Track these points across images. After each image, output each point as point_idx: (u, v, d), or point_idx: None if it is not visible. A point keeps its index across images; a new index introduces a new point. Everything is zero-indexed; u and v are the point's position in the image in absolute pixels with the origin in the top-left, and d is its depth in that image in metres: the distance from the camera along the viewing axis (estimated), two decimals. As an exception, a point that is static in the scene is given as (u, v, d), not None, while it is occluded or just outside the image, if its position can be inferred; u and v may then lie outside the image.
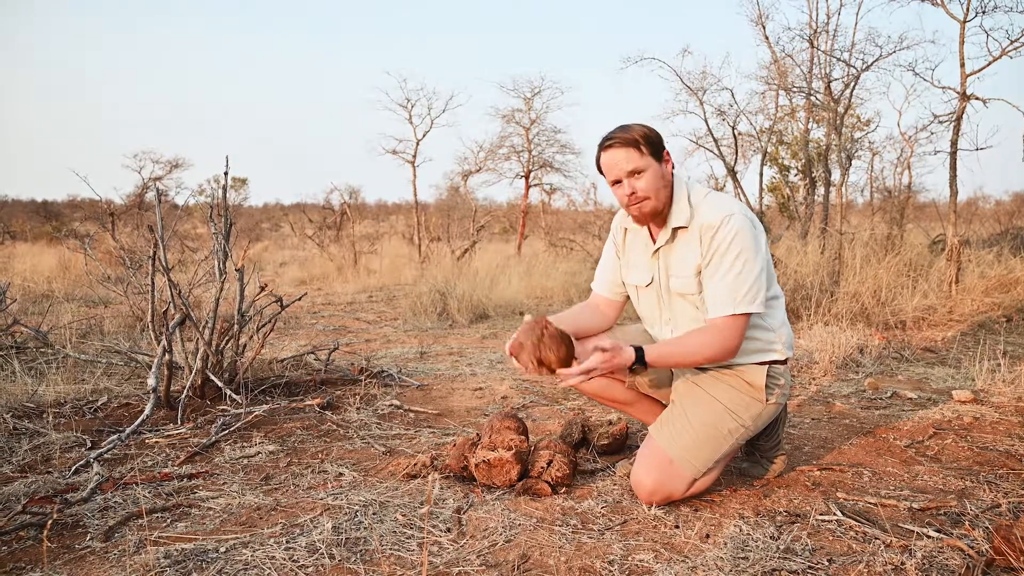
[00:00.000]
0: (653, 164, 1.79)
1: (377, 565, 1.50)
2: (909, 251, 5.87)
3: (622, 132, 1.79)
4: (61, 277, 7.59)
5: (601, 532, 1.66)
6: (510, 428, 2.08)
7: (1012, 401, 2.80)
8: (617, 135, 1.79)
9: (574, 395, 3.09)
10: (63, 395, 2.89)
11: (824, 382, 3.31)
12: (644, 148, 1.78)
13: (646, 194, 1.79)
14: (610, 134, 1.81)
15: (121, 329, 4.56)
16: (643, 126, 1.80)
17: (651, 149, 1.79)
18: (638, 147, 1.77)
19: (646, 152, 1.78)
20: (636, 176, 1.78)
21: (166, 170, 17.84)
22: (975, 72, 5.55)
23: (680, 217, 1.83)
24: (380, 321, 5.61)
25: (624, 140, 1.77)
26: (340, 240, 12.43)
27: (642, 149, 1.77)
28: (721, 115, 7.83)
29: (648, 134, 1.79)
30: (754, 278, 1.74)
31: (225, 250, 2.98)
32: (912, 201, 11.01)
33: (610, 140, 1.79)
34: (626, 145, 1.77)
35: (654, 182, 1.79)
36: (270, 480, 2.04)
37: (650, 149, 1.79)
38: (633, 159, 1.77)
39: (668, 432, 1.85)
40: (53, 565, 1.52)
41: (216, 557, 1.53)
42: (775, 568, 1.48)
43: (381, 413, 2.77)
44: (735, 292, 1.73)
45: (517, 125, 11.95)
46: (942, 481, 2.01)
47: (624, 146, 1.77)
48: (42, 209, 21.47)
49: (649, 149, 1.78)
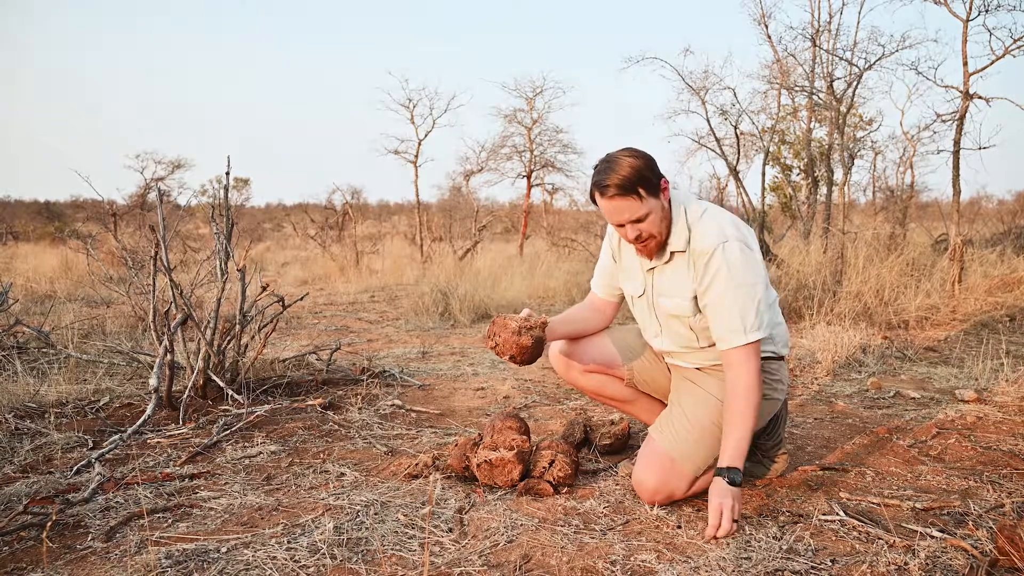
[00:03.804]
0: (653, 204, 1.73)
1: (379, 565, 1.49)
2: (912, 251, 5.86)
3: (617, 175, 1.69)
4: (63, 277, 7.60)
5: (603, 532, 1.66)
6: (512, 428, 2.07)
7: (1015, 401, 2.79)
8: (613, 183, 1.69)
9: (576, 395, 3.09)
10: (65, 395, 2.89)
11: (827, 382, 3.30)
12: (643, 192, 1.71)
13: (650, 234, 1.77)
14: (605, 180, 1.70)
15: (123, 329, 4.56)
16: (635, 161, 1.70)
17: (648, 190, 1.71)
18: (636, 194, 1.70)
19: (646, 196, 1.72)
20: (640, 222, 1.74)
21: (168, 170, 17.89)
22: (978, 71, 5.54)
23: (679, 241, 1.80)
24: (382, 321, 5.61)
25: (622, 189, 1.69)
26: (342, 240, 12.43)
27: (641, 195, 1.71)
28: (723, 114, 7.83)
29: (644, 174, 1.70)
30: (756, 304, 1.72)
31: (227, 250, 2.98)
32: (914, 200, 11.00)
33: (607, 188, 1.70)
34: (626, 195, 1.70)
35: (657, 222, 1.76)
36: (272, 480, 2.04)
37: (648, 190, 1.71)
38: (635, 209, 1.72)
39: (669, 431, 1.84)
40: (54, 565, 1.52)
41: (218, 557, 1.53)
42: (778, 568, 1.47)
43: (383, 413, 2.77)
44: (743, 321, 1.71)
45: (519, 125, 11.96)
46: (945, 481, 2.00)
47: (624, 196, 1.70)
48: (45, 209, 21.53)
49: (647, 190, 1.71)
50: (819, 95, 7.73)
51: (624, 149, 1.75)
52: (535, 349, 1.85)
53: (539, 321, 1.88)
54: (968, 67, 5.53)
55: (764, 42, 8.37)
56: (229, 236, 3.01)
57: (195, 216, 16.25)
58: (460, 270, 7.68)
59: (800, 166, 9.35)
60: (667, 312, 1.87)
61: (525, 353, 1.84)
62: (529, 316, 1.88)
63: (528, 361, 1.86)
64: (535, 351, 1.86)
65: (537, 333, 1.85)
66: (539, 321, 1.88)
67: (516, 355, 1.84)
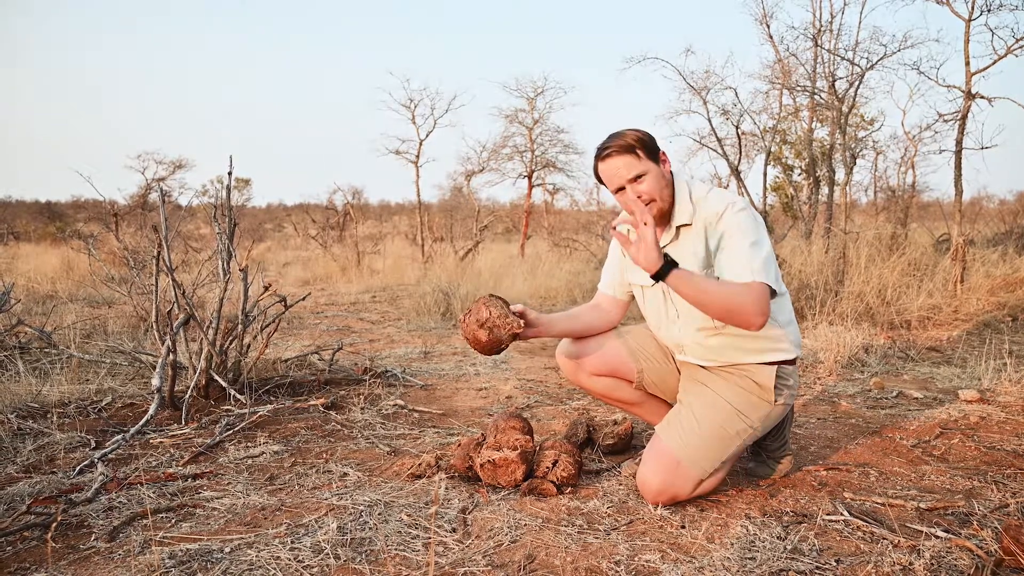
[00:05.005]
0: (652, 166, 1.79)
1: (382, 565, 1.49)
2: (914, 250, 5.85)
3: (617, 140, 1.78)
4: (65, 277, 7.61)
5: (607, 532, 1.66)
6: (515, 428, 2.07)
7: (1019, 400, 2.78)
8: (612, 143, 1.79)
9: (579, 395, 3.08)
10: (67, 395, 2.89)
11: (829, 382, 3.29)
12: (641, 152, 1.78)
13: (651, 196, 1.79)
14: (605, 143, 1.81)
15: (125, 329, 4.56)
16: (636, 131, 1.80)
17: (647, 152, 1.79)
18: (635, 152, 1.77)
19: (643, 156, 1.78)
20: (638, 181, 1.78)
21: (169, 171, 17.89)
22: (980, 71, 5.53)
23: (683, 215, 1.83)
24: (384, 321, 5.61)
25: (620, 147, 1.77)
26: (343, 240, 12.43)
27: (639, 153, 1.77)
28: (725, 114, 7.82)
29: (642, 138, 1.79)
30: (765, 253, 1.73)
31: (229, 250, 2.98)
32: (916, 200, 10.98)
33: (606, 149, 1.79)
34: (623, 152, 1.77)
35: (657, 183, 1.79)
36: (275, 480, 2.04)
37: (647, 152, 1.79)
38: (633, 165, 1.77)
39: (675, 432, 1.84)
40: (57, 565, 1.51)
41: (221, 557, 1.53)
42: (782, 568, 1.47)
43: (385, 413, 2.77)
44: (750, 263, 1.71)
45: (520, 125, 11.96)
46: (949, 481, 1.99)
47: (621, 153, 1.77)
48: (46, 210, 21.55)
49: (646, 152, 1.78)
50: (821, 95, 7.72)
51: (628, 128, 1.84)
52: (489, 346, 1.84)
53: (511, 323, 1.83)
54: (970, 67, 5.52)
55: (766, 42, 8.36)
56: (231, 236, 3.01)
57: (196, 216, 16.24)
58: (461, 270, 7.68)
59: (802, 166, 9.34)
60: None
61: (478, 344, 1.85)
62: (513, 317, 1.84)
63: (480, 352, 1.87)
64: (490, 348, 1.85)
65: (499, 335, 1.83)
66: (511, 323, 1.83)
67: (469, 341, 1.86)
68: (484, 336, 1.83)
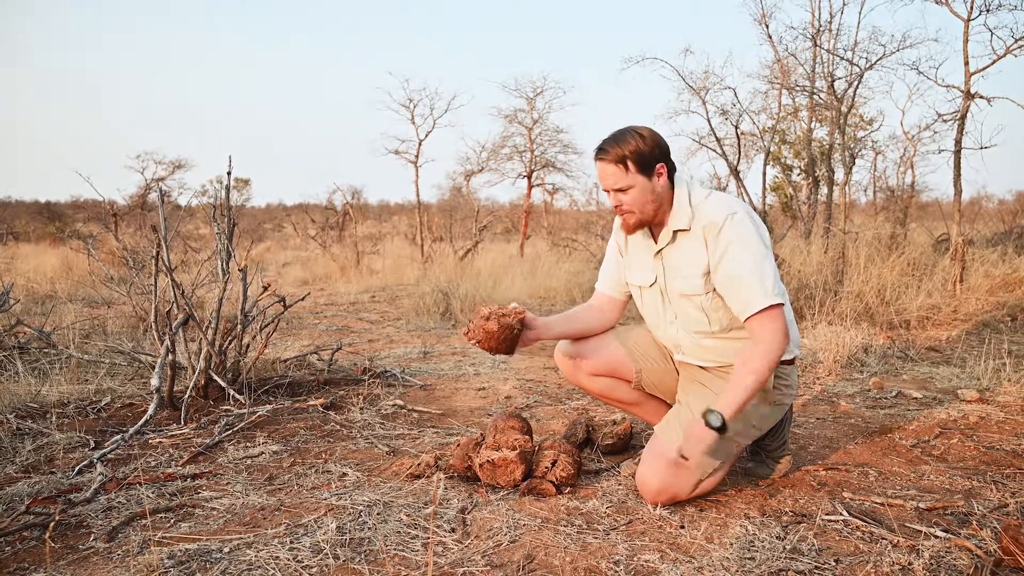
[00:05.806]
0: (640, 181, 1.79)
1: (381, 565, 1.49)
2: (913, 250, 5.85)
3: (613, 146, 1.78)
4: (64, 278, 7.61)
5: (606, 532, 1.66)
6: (514, 428, 2.07)
7: (1018, 400, 2.78)
8: (608, 148, 1.79)
9: (578, 395, 3.08)
10: (66, 395, 2.89)
11: (829, 382, 3.29)
12: (631, 166, 1.78)
13: (630, 208, 1.82)
14: (604, 143, 1.80)
15: (124, 329, 4.56)
16: (637, 137, 1.78)
17: (639, 166, 1.78)
18: (624, 164, 1.78)
19: (632, 170, 1.78)
20: (622, 192, 1.80)
21: (169, 171, 17.87)
22: (979, 70, 5.53)
23: (681, 220, 1.83)
24: (383, 321, 5.60)
25: (612, 156, 1.78)
26: (343, 240, 12.43)
27: (628, 167, 1.78)
28: (724, 114, 7.82)
29: (639, 149, 1.77)
30: (772, 270, 1.74)
31: (228, 250, 2.98)
32: (915, 200, 10.99)
33: (602, 152, 1.80)
34: (613, 162, 1.79)
35: (639, 198, 1.80)
36: (274, 480, 2.04)
37: (638, 166, 1.78)
38: (619, 177, 1.79)
39: (675, 432, 1.83)
40: (57, 566, 1.51)
41: (220, 557, 1.53)
42: (781, 568, 1.47)
43: (385, 413, 2.77)
44: (763, 283, 1.71)
45: (519, 125, 11.95)
46: (948, 481, 1.99)
47: (610, 163, 1.79)
48: (45, 210, 21.52)
49: (637, 167, 1.78)
50: (820, 95, 7.73)
51: (641, 126, 1.81)
52: (502, 336, 1.83)
53: (514, 310, 1.85)
54: (969, 67, 5.52)
55: (764, 42, 8.36)
56: (230, 236, 3.01)
57: (196, 216, 16.23)
58: (461, 270, 7.68)
59: (801, 166, 9.34)
60: (679, 293, 1.86)
61: (491, 339, 1.82)
62: (512, 307, 1.86)
63: (495, 349, 1.84)
64: (502, 338, 1.83)
65: (508, 321, 1.82)
66: (514, 310, 1.85)
67: (482, 340, 1.83)
68: (494, 325, 1.81)
